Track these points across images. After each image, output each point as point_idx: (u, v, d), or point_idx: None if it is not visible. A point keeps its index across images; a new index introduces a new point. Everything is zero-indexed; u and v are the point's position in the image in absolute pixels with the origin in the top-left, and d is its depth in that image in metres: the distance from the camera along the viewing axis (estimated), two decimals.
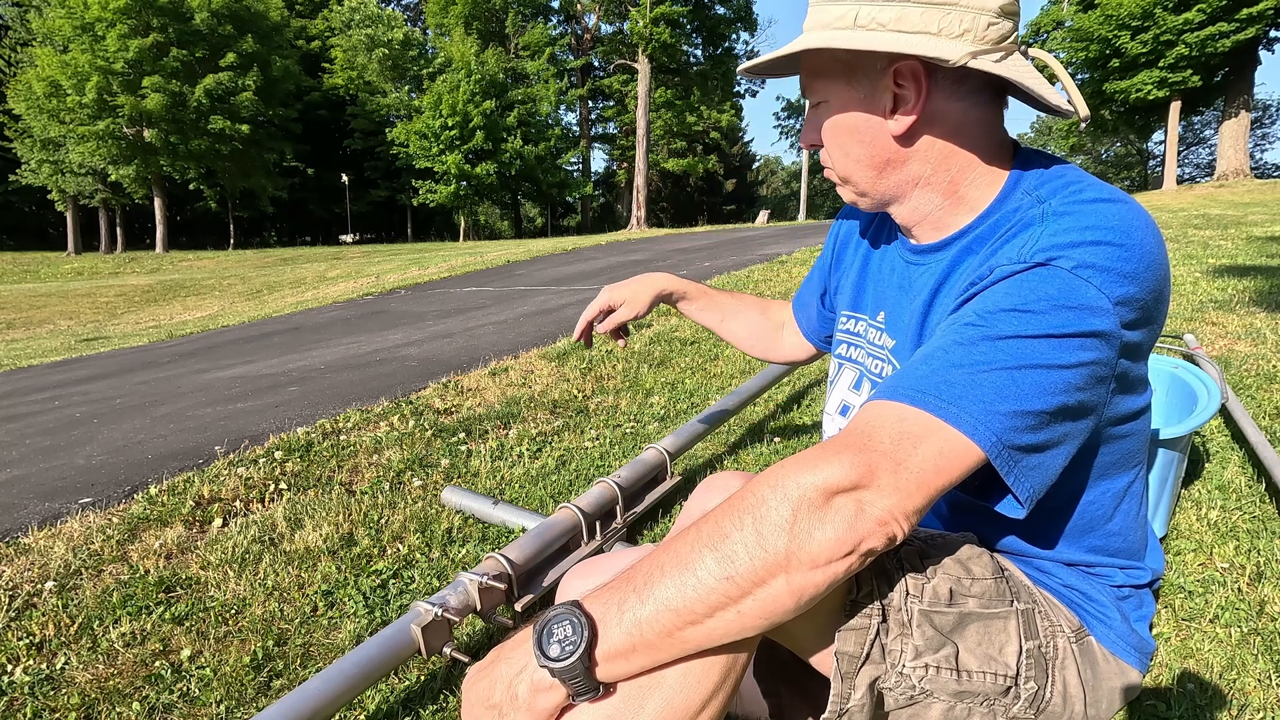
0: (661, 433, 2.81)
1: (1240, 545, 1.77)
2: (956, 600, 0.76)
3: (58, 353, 7.76)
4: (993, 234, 0.79)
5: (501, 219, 51.05)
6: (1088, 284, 0.66)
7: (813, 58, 0.83)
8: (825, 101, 0.83)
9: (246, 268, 22.74)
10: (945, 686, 0.74)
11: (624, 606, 0.63)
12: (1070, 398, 0.66)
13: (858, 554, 0.62)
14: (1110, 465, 0.81)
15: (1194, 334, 3.72)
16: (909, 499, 0.62)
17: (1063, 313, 0.66)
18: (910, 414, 0.65)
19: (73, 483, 2.69)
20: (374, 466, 2.58)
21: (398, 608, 1.71)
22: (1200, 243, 7.90)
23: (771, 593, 0.61)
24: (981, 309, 0.70)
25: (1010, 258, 0.72)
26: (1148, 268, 0.69)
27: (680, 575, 0.62)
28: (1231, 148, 25.35)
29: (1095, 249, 0.68)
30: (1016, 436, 0.65)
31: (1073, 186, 0.76)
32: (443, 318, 6.84)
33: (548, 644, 0.63)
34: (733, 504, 0.64)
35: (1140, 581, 0.87)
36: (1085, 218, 0.70)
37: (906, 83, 0.78)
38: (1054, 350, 0.65)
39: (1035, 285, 0.68)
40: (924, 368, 0.68)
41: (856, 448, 0.63)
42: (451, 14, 37.26)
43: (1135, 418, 0.79)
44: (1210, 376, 1.95)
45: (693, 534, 0.64)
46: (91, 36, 27.98)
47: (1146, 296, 0.69)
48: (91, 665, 1.53)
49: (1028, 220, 0.75)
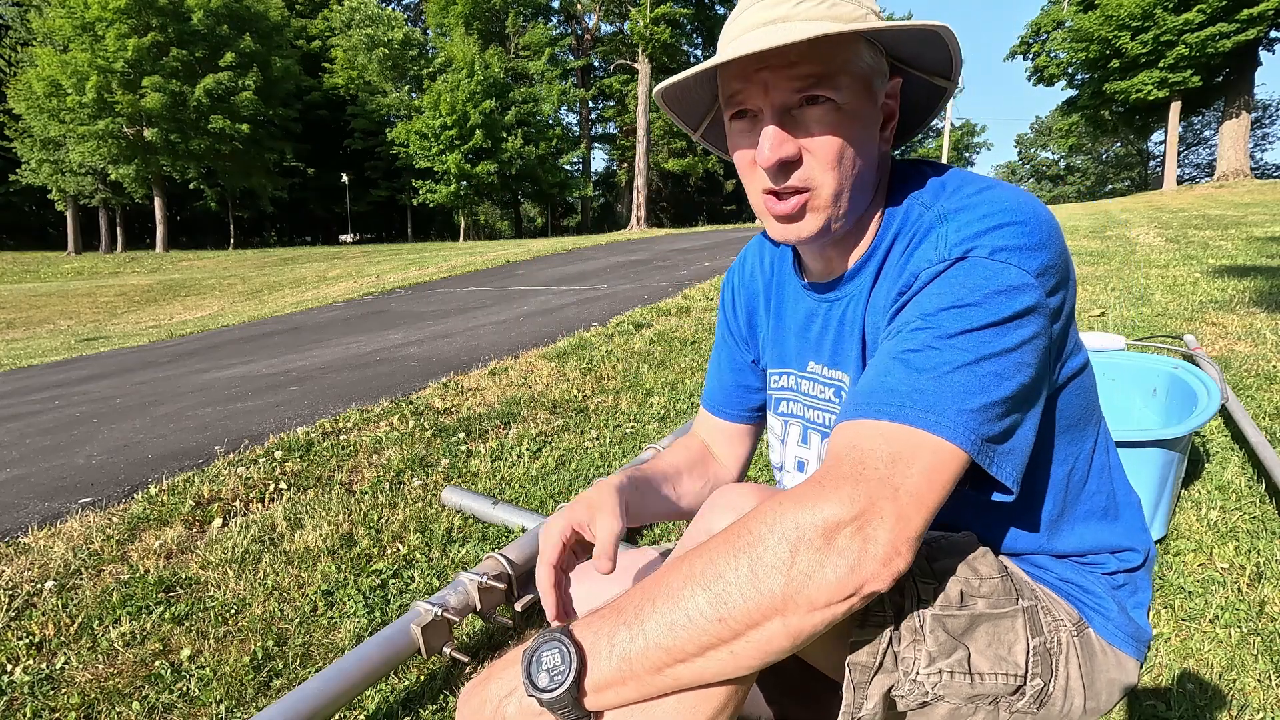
0: (661, 433, 2.81)
1: (1240, 545, 1.76)
2: (967, 602, 0.76)
3: (58, 353, 7.76)
4: (900, 247, 0.79)
5: (501, 219, 51.05)
6: (1007, 265, 0.69)
7: (839, 52, 0.74)
8: (840, 104, 0.74)
9: (246, 267, 22.74)
10: (959, 691, 0.74)
11: (614, 639, 0.62)
12: (1024, 376, 0.68)
13: (859, 596, 0.60)
14: (1071, 428, 0.82)
15: (1194, 334, 3.72)
16: (910, 524, 0.61)
17: (997, 298, 0.67)
18: (893, 431, 0.64)
19: (73, 482, 2.69)
20: (374, 466, 2.58)
21: (398, 608, 1.71)
22: (1200, 243, 7.90)
23: (766, 634, 0.60)
24: (921, 312, 0.70)
25: (929, 259, 0.73)
26: (1049, 234, 0.72)
27: (671, 613, 0.61)
28: (1231, 148, 25.35)
29: (1001, 232, 0.70)
30: (989, 428, 0.65)
31: (951, 186, 0.79)
32: (443, 318, 6.84)
33: (536, 672, 0.62)
34: (729, 540, 0.62)
35: (1133, 565, 0.87)
36: (981, 208, 0.73)
37: (893, 99, 0.80)
38: (1000, 336, 0.67)
39: (964, 278, 0.69)
40: (888, 380, 0.67)
41: (853, 478, 0.61)
42: (451, 14, 37.27)
43: (1079, 375, 0.81)
44: (1210, 377, 1.95)
45: (686, 568, 0.62)
46: (91, 36, 27.99)
47: (1057, 260, 0.72)
48: (91, 665, 1.53)
49: (927, 225, 0.76)
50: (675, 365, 3.86)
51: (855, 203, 0.79)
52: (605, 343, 4.42)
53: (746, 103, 0.76)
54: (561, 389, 3.46)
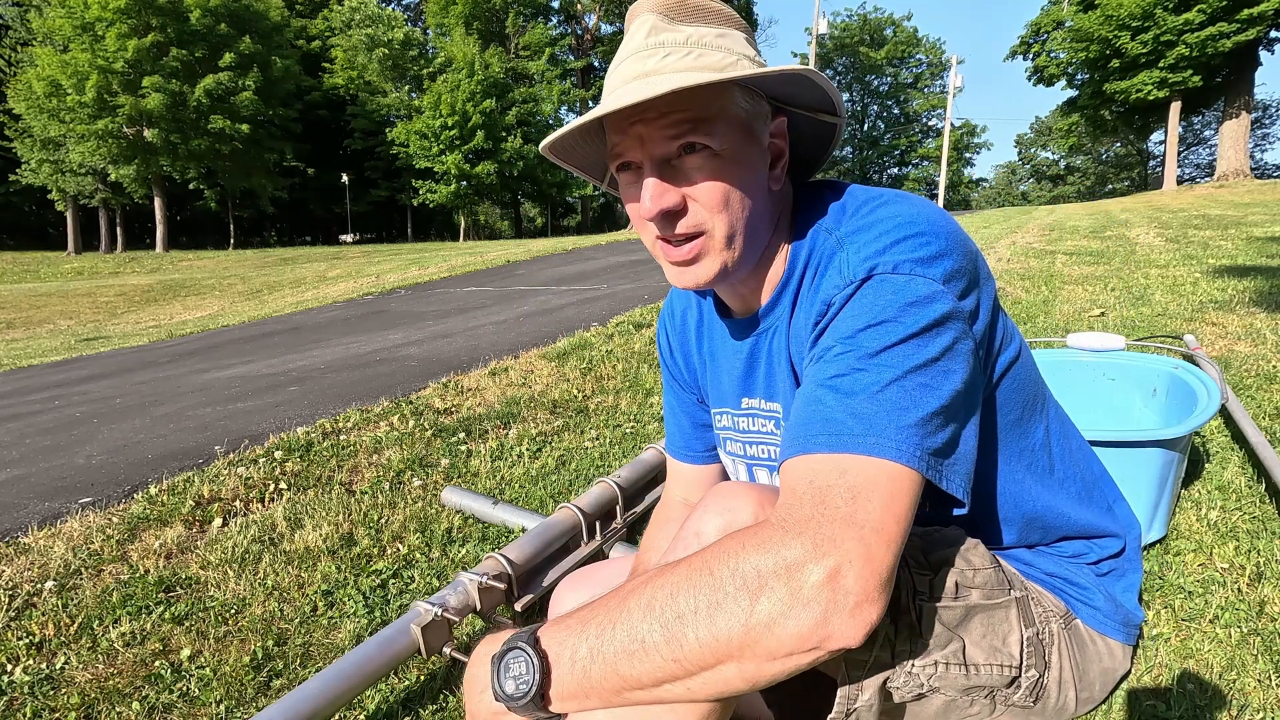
0: (661, 433, 2.81)
1: (1240, 545, 1.76)
2: (961, 593, 0.76)
3: (58, 352, 7.76)
4: (810, 275, 0.80)
5: (501, 219, 51.06)
6: (913, 276, 0.69)
7: (711, 101, 0.74)
8: (716, 150, 0.74)
9: (246, 267, 22.74)
10: (954, 683, 0.74)
11: (576, 655, 0.62)
12: (954, 383, 0.68)
13: (825, 649, 0.58)
14: (1018, 422, 0.82)
15: (1194, 334, 3.72)
16: (880, 564, 0.58)
17: (911, 310, 0.68)
18: (846, 463, 0.62)
19: (73, 482, 2.69)
20: (374, 466, 2.58)
21: (398, 608, 1.71)
22: (1200, 243, 7.90)
23: (721, 677, 0.60)
24: (840, 336, 0.70)
25: (836, 284, 0.73)
26: (948, 240, 0.72)
27: (629, 642, 0.60)
28: (1231, 148, 25.35)
29: (901, 246, 0.71)
30: (930, 441, 0.65)
31: (850, 208, 0.79)
32: (443, 318, 6.84)
33: (504, 678, 0.64)
34: (690, 576, 0.61)
35: (1115, 550, 0.87)
36: (876, 226, 0.74)
37: (779, 135, 0.81)
38: (921, 347, 0.67)
39: (874, 297, 0.70)
40: (820, 409, 0.66)
41: (815, 520, 0.59)
42: (451, 14, 37.28)
43: (1013, 365, 0.81)
44: (1210, 377, 1.95)
45: (649, 596, 0.61)
46: (91, 36, 27.99)
47: (962, 263, 0.73)
48: (91, 665, 1.53)
49: (829, 250, 0.77)
50: None
51: (751, 242, 0.79)
52: (605, 343, 4.43)
53: (626, 155, 0.76)
54: (561, 389, 3.46)
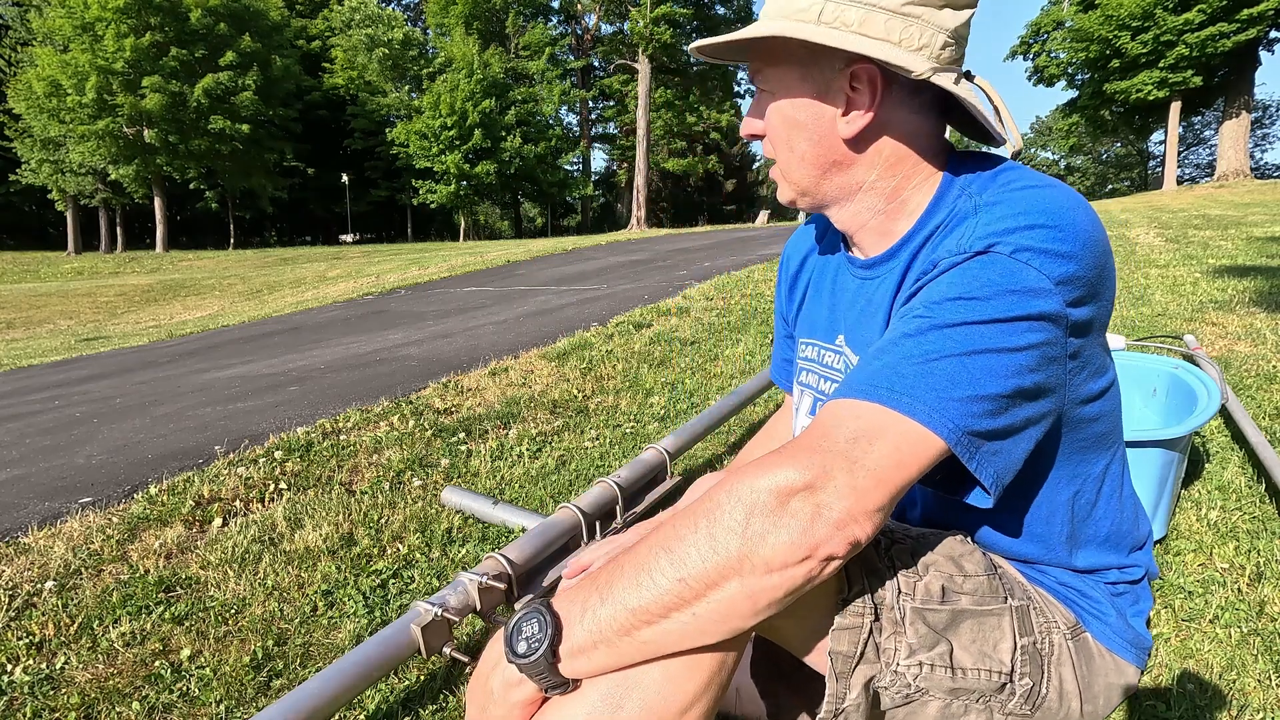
0: (661, 433, 2.81)
1: (1240, 545, 1.77)
2: (949, 597, 0.76)
3: (58, 352, 7.76)
4: (935, 234, 0.80)
5: (501, 219, 51.06)
6: (1027, 267, 0.67)
7: (769, 45, 0.82)
8: (775, 91, 0.83)
9: (246, 267, 22.74)
10: (940, 684, 0.74)
11: (586, 605, 0.65)
12: (1024, 380, 0.67)
13: (816, 559, 0.61)
14: (1084, 449, 0.81)
15: (1194, 334, 3.73)
16: (867, 498, 0.61)
17: (1007, 297, 0.67)
18: (864, 409, 0.64)
19: (73, 482, 2.69)
20: (374, 466, 2.58)
21: (398, 608, 1.71)
22: (1200, 243, 7.90)
23: (726, 596, 0.61)
24: (927, 300, 0.71)
25: (950, 249, 0.73)
26: (1084, 246, 0.70)
27: (636, 575, 0.63)
28: (1231, 148, 25.35)
29: (1030, 232, 0.69)
30: (975, 422, 0.65)
31: (1003, 178, 0.78)
32: (443, 317, 6.84)
33: (516, 641, 0.66)
34: (690, 509, 0.65)
35: (1134, 577, 0.87)
36: (1017, 204, 0.72)
37: (862, 86, 0.79)
38: (1002, 334, 0.66)
39: (977, 273, 0.69)
40: (876, 363, 0.68)
41: (811, 449, 0.63)
42: (451, 14, 37.26)
43: (1100, 397, 0.79)
44: (1210, 377, 1.95)
45: (653, 537, 0.65)
46: (91, 36, 27.98)
47: (1088, 273, 0.70)
48: (91, 665, 1.53)
49: (962, 214, 0.76)
50: (675, 365, 3.86)
51: (816, 181, 0.85)
52: (605, 343, 4.43)
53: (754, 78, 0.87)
54: (561, 389, 3.46)
